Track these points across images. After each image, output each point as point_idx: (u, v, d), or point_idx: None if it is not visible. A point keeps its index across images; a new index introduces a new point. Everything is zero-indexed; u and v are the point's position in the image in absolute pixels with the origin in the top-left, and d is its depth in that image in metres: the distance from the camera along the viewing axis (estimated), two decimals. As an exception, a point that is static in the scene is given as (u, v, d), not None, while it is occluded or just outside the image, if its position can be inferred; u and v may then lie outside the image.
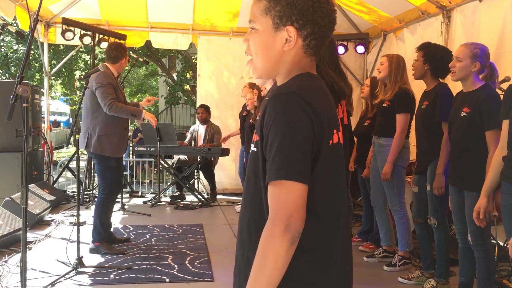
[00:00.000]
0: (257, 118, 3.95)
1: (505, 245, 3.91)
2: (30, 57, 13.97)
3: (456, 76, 3.05)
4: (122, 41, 7.07)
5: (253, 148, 1.27)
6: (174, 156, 7.41)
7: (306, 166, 1.14)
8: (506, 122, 2.51)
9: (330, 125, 1.22)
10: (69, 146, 17.74)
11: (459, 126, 3.03)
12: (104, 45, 6.76)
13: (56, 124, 24.15)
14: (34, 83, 12.73)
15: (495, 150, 2.83)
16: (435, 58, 3.50)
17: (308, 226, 1.16)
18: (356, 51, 7.19)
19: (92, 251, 4.27)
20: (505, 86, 3.54)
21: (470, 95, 2.99)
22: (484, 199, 2.61)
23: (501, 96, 3.06)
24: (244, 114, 6.39)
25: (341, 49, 7.02)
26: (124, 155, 4.70)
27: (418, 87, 4.07)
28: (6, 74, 15.46)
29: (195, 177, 7.51)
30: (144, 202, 6.82)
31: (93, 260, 4.08)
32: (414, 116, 3.83)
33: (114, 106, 4.15)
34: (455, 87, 3.48)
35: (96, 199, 4.45)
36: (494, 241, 3.88)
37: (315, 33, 1.25)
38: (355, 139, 4.84)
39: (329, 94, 1.31)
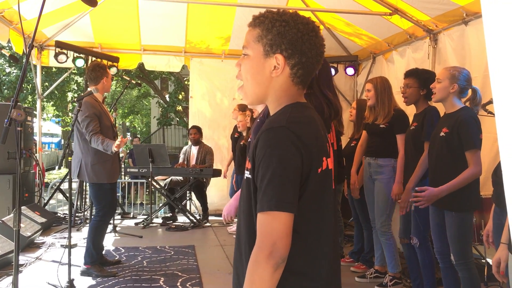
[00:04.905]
0: (249, 140, 3.99)
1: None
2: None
3: (435, 97, 3.15)
4: (115, 63, 7.16)
5: (247, 175, 1.32)
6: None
7: (294, 196, 1.22)
8: None
9: (319, 154, 1.29)
10: (61, 168, 17.65)
11: (438, 147, 3.10)
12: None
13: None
14: (27, 105, 12.73)
15: (474, 169, 2.91)
16: (431, 82, 3.58)
17: (297, 249, 1.23)
18: (346, 73, 7.31)
19: (84, 273, 4.25)
20: (490, 107, 3.63)
21: (450, 116, 3.08)
22: (490, 223, 2.58)
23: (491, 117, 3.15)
24: (235, 136, 6.44)
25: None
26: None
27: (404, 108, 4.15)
28: (-1, 97, 15.46)
29: (187, 198, 7.51)
30: (136, 224, 6.80)
31: (84, 283, 4.06)
32: None
33: (92, 139, 4.16)
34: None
35: (88, 221, 4.45)
36: (483, 261, 3.92)
37: (303, 63, 1.32)
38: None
39: (319, 121, 1.37)
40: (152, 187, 7.22)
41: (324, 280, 1.30)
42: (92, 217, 4.38)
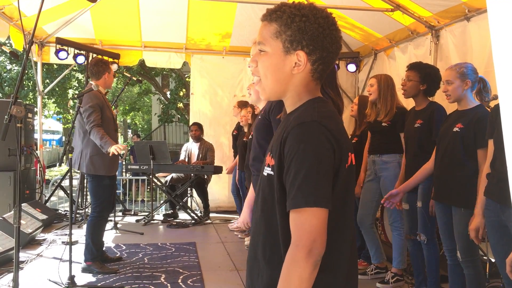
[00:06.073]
0: (250, 136, 3.97)
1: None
2: (24, 77, 14.00)
3: (452, 98, 3.10)
4: (116, 60, 7.15)
5: (269, 171, 1.29)
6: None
7: (330, 191, 1.20)
8: (491, 142, 2.57)
9: (347, 149, 1.27)
10: (62, 164, 17.67)
11: (450, 141, 3.07)
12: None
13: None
14: (28, 102, 12.74)
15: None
16: (432, 78, 3.56)
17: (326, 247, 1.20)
18: (347, 70, 7.29)
19: (84, 270, 4.24)
20: (492, 104, 3.60)
21: (465, 113, 3.05)
22: (481, 219, 2.60)
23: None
24: (234, 133, 6.43)
25: (332, 68, 7.11)
26: (117, 173, 4.69)
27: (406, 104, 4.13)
28: (0, 94, 15.45)
29: (188, 195, 7.51)
30: (137, 221, 6.79)
31: (85, 279, 4.06)
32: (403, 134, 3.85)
33: (92, 131, 4.13)
34: (449, 106, 3.52)
35: (88, 218, 4.44)
36: (485, 258, 3.91)
37: (323, 58, 1.29)
38: None
39: (340, 117, 1.36)
40: (153, 184, 7.22)
41: (345, 276, 1.29)
42: (90, 213, 4.37)
